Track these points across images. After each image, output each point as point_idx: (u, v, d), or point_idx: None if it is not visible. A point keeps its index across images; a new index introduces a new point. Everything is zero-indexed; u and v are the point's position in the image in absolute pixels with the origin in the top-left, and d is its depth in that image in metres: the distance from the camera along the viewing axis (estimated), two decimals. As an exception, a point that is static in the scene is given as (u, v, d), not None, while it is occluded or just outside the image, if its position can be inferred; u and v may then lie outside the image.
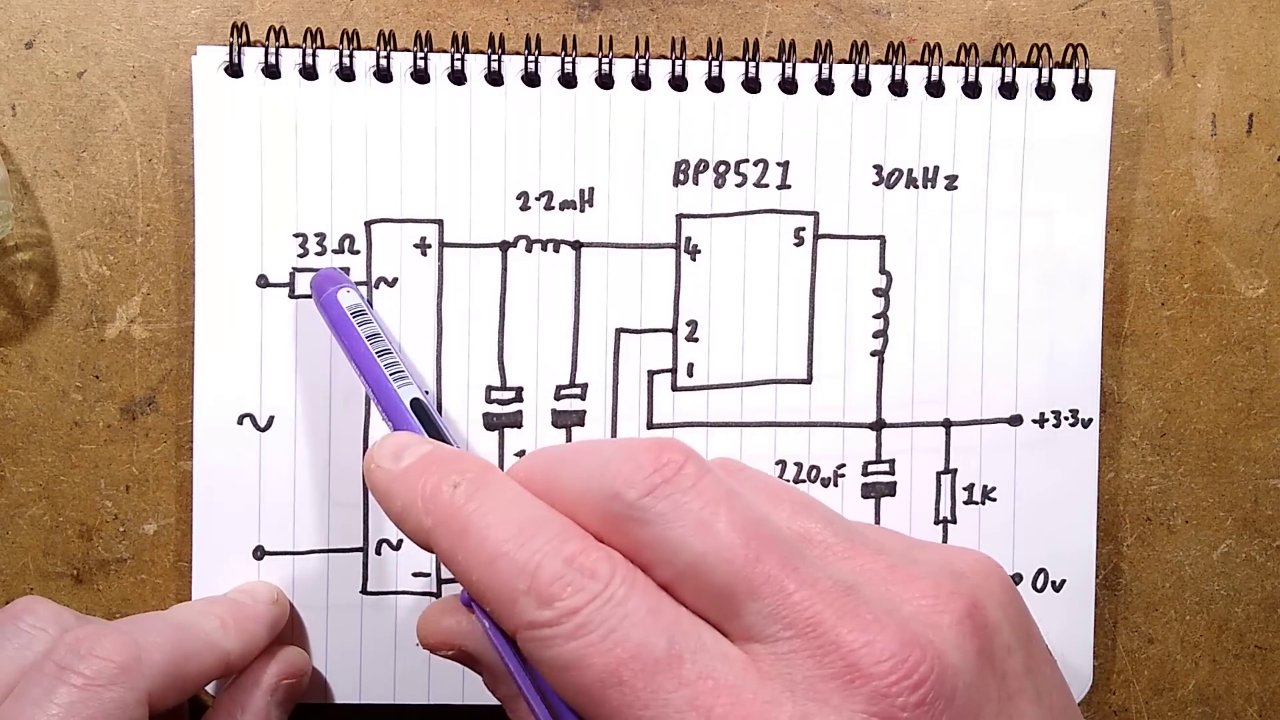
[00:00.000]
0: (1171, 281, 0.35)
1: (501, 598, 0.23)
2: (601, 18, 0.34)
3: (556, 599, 0.22)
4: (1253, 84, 0.34)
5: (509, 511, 0.23)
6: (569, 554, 0.22)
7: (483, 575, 0.23)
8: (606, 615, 0.22)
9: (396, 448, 0.26)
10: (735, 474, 0.25)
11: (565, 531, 0.23)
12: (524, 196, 0.33)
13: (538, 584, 0.22)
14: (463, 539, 0.23)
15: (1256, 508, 0.35)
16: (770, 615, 0.22)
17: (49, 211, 0.33)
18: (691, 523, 0.22)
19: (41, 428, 0.33)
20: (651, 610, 0.22)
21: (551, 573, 0.22)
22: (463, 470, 0.24)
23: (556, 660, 0.22)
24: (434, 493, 0.24)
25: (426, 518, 0.24)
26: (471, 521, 0.23)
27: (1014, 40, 0.34)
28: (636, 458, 0.23)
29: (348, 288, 0.31)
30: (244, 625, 0.30)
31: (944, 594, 0.22)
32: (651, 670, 0.21)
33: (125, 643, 0.26)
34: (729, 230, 0.33)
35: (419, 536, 0.24)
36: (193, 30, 0.33)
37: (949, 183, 0.34)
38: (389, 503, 0.25)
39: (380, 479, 0.25)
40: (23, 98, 0.33)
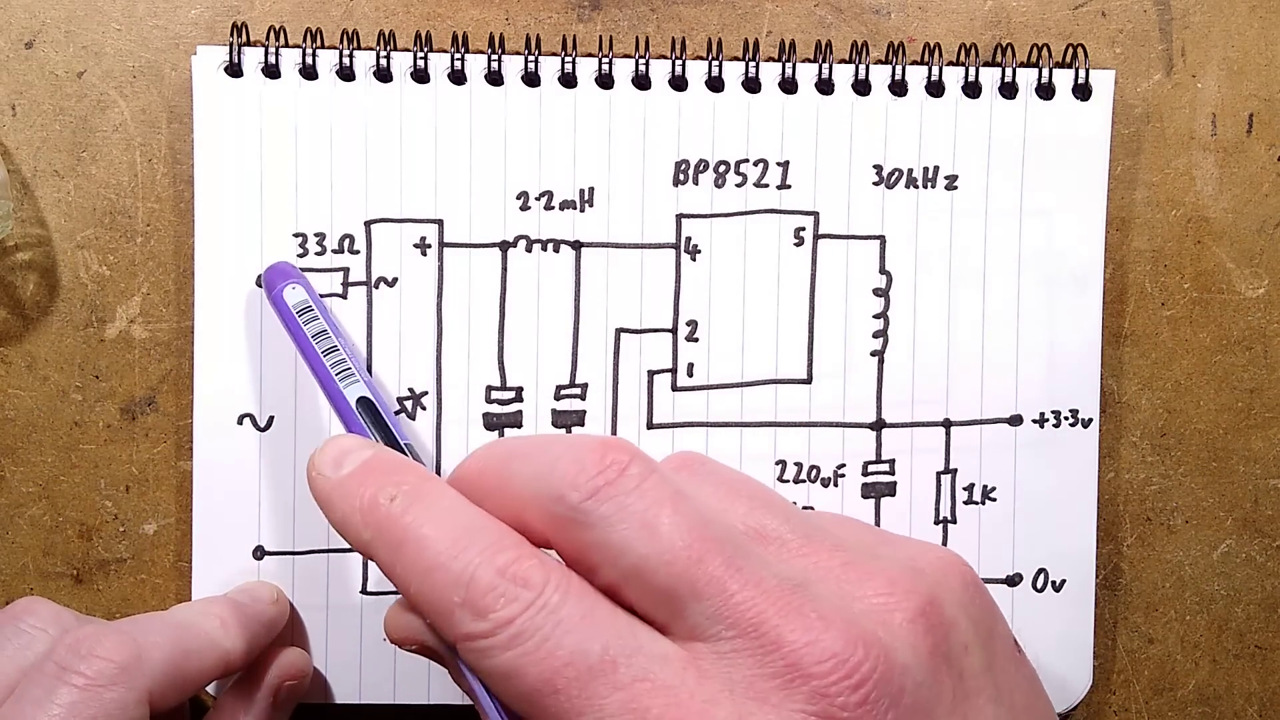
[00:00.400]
0: (1171, 281, 0.35)
1: (438, 610, 0.23)
2: (601, 18, 0.34)
3: (490, 610, 0.22)
4: (1253, 84, 0.34)
5: (444, 522, 0.23)
6: (502, 564, 0.22)
7: (419, 588, 0.23)
8: (540, 623, 0.22)
9: (338, 454, 0.26)
10: (696, 469, 0.25)
11: (500, 540, 0.23)
12: (524, 196, 0.33)
13: (472, 596, 0.22)
14: (400, 551, 0.23)
15: (1256, 508, 0.35)
16: (713, 615, 0.22)
17: (49, 211, 0.33)
18: (635, 525, 0.22)
19: (41, 428, 0.33)
20: (586, 616, 0.22)
21: (485, 584, 0.22)
22: (400, 480, 0.24)
23: (494, 670, 0.22)
24: (371, 505, 0.24)
25: (365, 530, 0.24)
26: (408, 534, 0.23)
27: (1014, 40, 0.34)
28: (581, 459, 0.23)
29: (295, 283, 0.31)
30: (244, 625, 0.30)
31: (899, 591, 0.22)
32: (586, 676, 0.21)
33: (126, 642, 0.26)
34: (729, 230, 0.33)
35: (359, 547, 0.25)
36: (193, 30, 0.33)
37: (949, 183, 0.34)
38: (329, 512, 0.25)
39: (321, 487, 0.25)
40: (23, 98, 0.33)
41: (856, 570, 0.23)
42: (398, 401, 0.33)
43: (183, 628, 0.29)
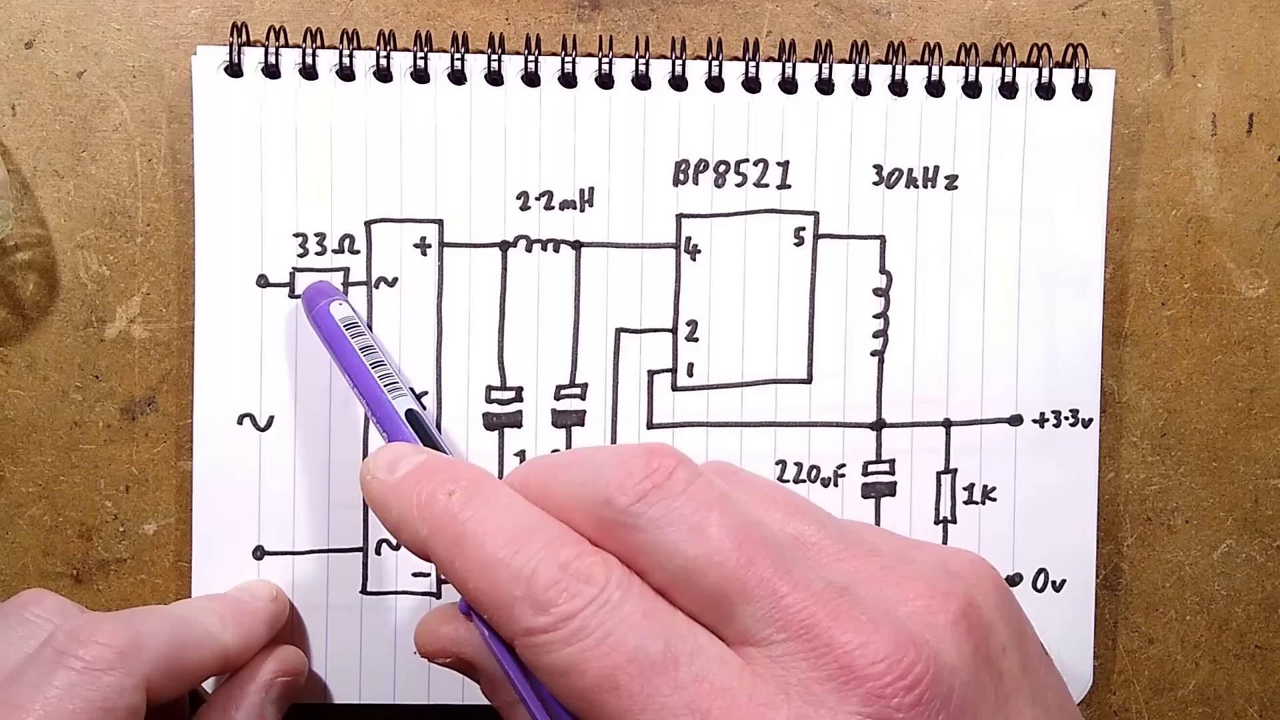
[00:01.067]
0: (1171, 281, 0.35)
1: (498, 605, 0.23)
2: (601, 18, 0.34)
3: (552, 604, 0.22)
4: (1253, 84, 0.34)
5: (504, 518, 0.23)
6: (564, 559, 0.22)
7: (479, 583, 0.23)
8: (603, 620, 0.22)
9: (392, 458, 0.26)
10: (729, 477, 0.25)
11: (560, 537, 0.23)
12: (524, 196, 0.33)
13: (533, 590, 0.22)
14: (458, 547, 0.23)
15: (1256, 508, 0.35)
16: (764, 618, 0.22)
17: (49, 211, 0.33)
18: (684, 527, 0.22)
19: (41, 428, 0.33)
20: (647, 614, 0.22)
21: (547, 578, 0.22)
22: (457, 478, 0.24)
23: (554, 666, 0.22)
24: (429, 501, 0.24)
25: (422, 527, 0.24)
26: (467, 529, 0.23)
27: (1014, 40, 0.34)
28: (628, 464, 0.23)
29: (339, 300, 0.32)
30: (243, 621, 0.30)
31: (939, 594, 0.22)
32: (648, 674, 0.21)
33: (124, 629, 0.27)
34: (729, 230, 0.33)
35: (415, 546, 0.24)
36: (193, 30, 0.33)
37: (949, 183, 0.34)
38: (385, 513, 0.25)
39: (376, 490, 0.25)
40: (23, 98, 0.33)
41: (895, 574, 0.23)
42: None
43: (182, 620, 0.29)
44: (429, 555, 0.24)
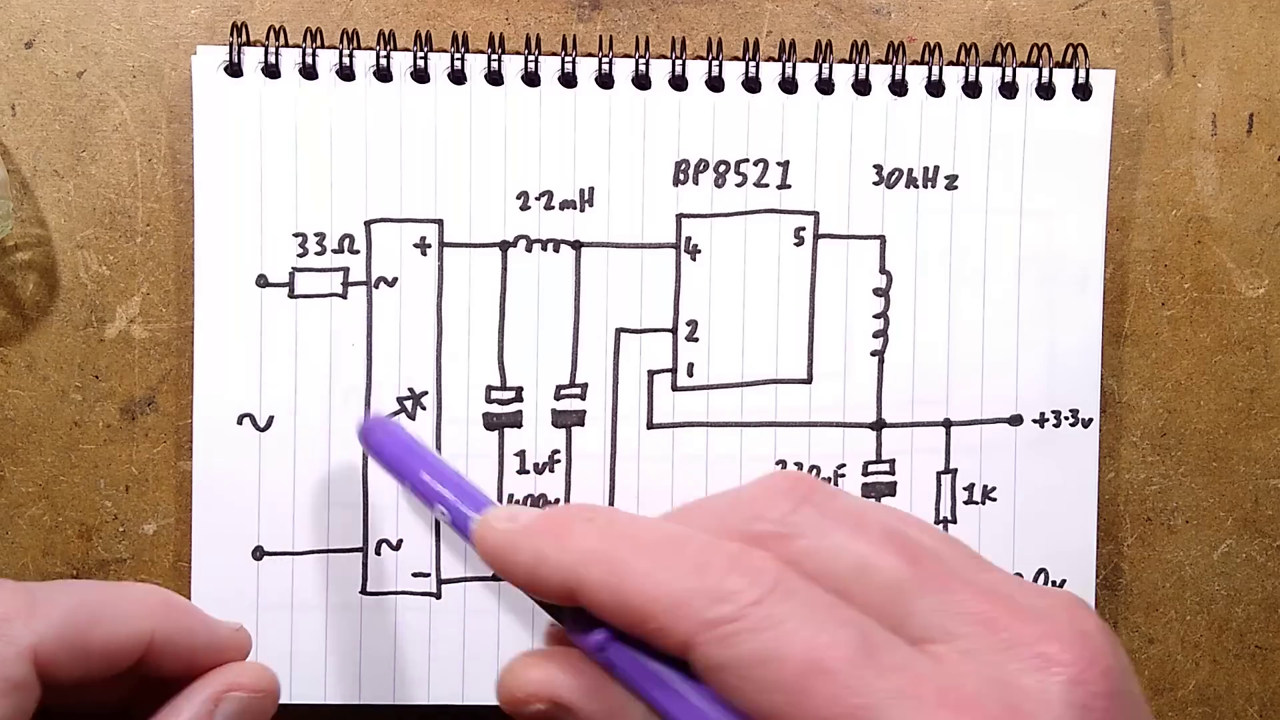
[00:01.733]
0: (1171, 281, 0.35)
1: (671, 603, 0.21)
2: (601, 18, 0.34)
3: (734, 593, 0.21)
4: (1253, 84, 0.34)
5: (654, 530, 0.23)
6: (732, 553, 0.22)
7: (643, 586, 0.22)
8: (791, 607, 0.21)
9: (507, 513, 0.25)
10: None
11: (719, 538, 0.22)
12: (524, 196, 0.33)
13: (709, 583, 0.21)
14: (613, 562, 0.22)
15: (1256, 508, 0.35)
16: (943, 611, 0.21)
17: (49, 211, 0.33)
18: (847, 528, 0.22)
19: (41, 428, 0.33)
20: (832, 605, 0.21)
21: (721, 568, 0.21)
22: (592, 512, 0.24)
23: (749, 656, 0.20)
24: (568, 530, 0.23)
25: (566, 554, 0.23)
26: (619, 544, 0.22)
27: (1014, 40, 0.34)
28: (768, 484, 0.23)
29: (393, 425, 0.29)
30: (183, 619, 0.28)
31: (1076, 602, 0.22)
32: (855, 657, 0.20)
33: (16, 596, 0.25)
34: (729, 230, 0.33)
35: (557, 579, 0.23)
36: (193, 30, 0.33)
37: (949, 182, 0.34)
38: (514, 556, 0.24)
39: (501, 538, 0.24)
40: (23, 98, 0.33)
41: (1025, 587, 0.23)
42: (397, 402, 0.33)
43: (101, 596, 0.26)
44: (576, 585, 0.23)
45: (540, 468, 0.34)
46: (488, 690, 0.33)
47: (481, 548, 0.25)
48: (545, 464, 0.34)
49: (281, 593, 0.33)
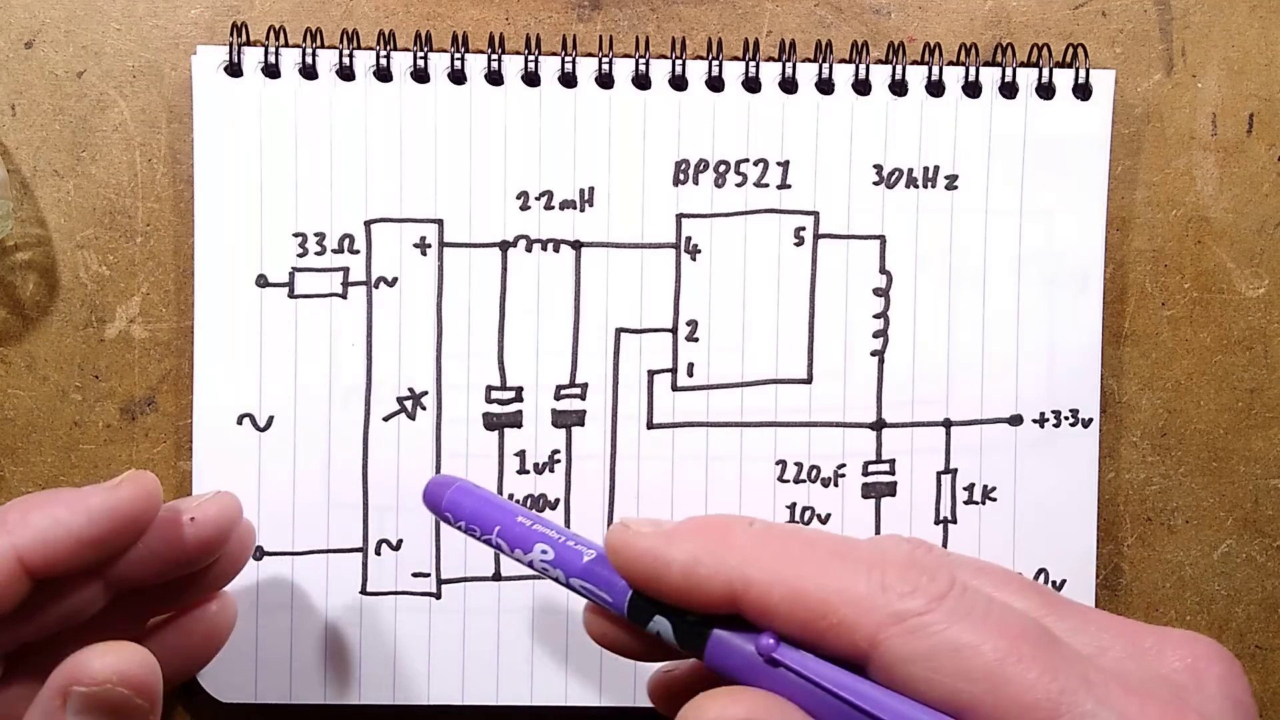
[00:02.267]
0: (1171, 281, 0.35)
1: (855, 596, 0.21)
2: (601, 18, 0.34)
3: (918, 587, 0.21)
4: (1253, 84, 0.34)
5: (818, 532, 0.23)
6: (905, 551, 0.22)
7: (822, 581, 0.22)
8: (974, 599, 0.21)
9: (649, 521, 0.24)
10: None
11: (885, 540, 0.23)
12: (524, 196, 0.33)
13: (891, 577, 0.21)
14: (782, 559, 0.22)
15: (1256, 508, 0.35)
16: (1085, 633, 0.22)
17: (49, 211, 0.33)
18: (971, 569, 0.23)
19: (41, 428, 0.33)
20: (1006, 602, 0.21)
21: (900, 564, 0.21)
22: (747, 518, 0.23)
23: (942, 646, 0.21)
24: (731, 531, 0.23)
25: (731, 555, 0.22)
26: (789, 543, 0.22)
27: (1014, 40, 0.34)
28: (884, 544, 0.23)
29: (458, 480, 0.29)
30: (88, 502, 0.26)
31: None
32: (1045, 645, 0.21)
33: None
34: (729, 230, 0.33)
35: (720, 577, 0.22)
36: (193, 30, 0.33)
37: (949, 182, 0.34)
38: (667, 559, 0.23)
39: (649, 542, 0.23)
40: (23, 98, 0.33)
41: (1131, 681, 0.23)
42: (397, 402, 0.33)
43: (56, 491, 0.26)
44: (742, 586, 0.22)
45: (540, 468, 0.34)
46: (488, 690, 0.33)
47: (627, 553, 0.24)
48: (545, 464, 0.34)
49: (281, 593, 0.33)
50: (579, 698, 0.34)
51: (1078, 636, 0.22)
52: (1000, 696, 0.20)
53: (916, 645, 0.21)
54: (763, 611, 0.22)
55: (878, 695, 0.21)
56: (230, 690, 0.33)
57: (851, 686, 0.22)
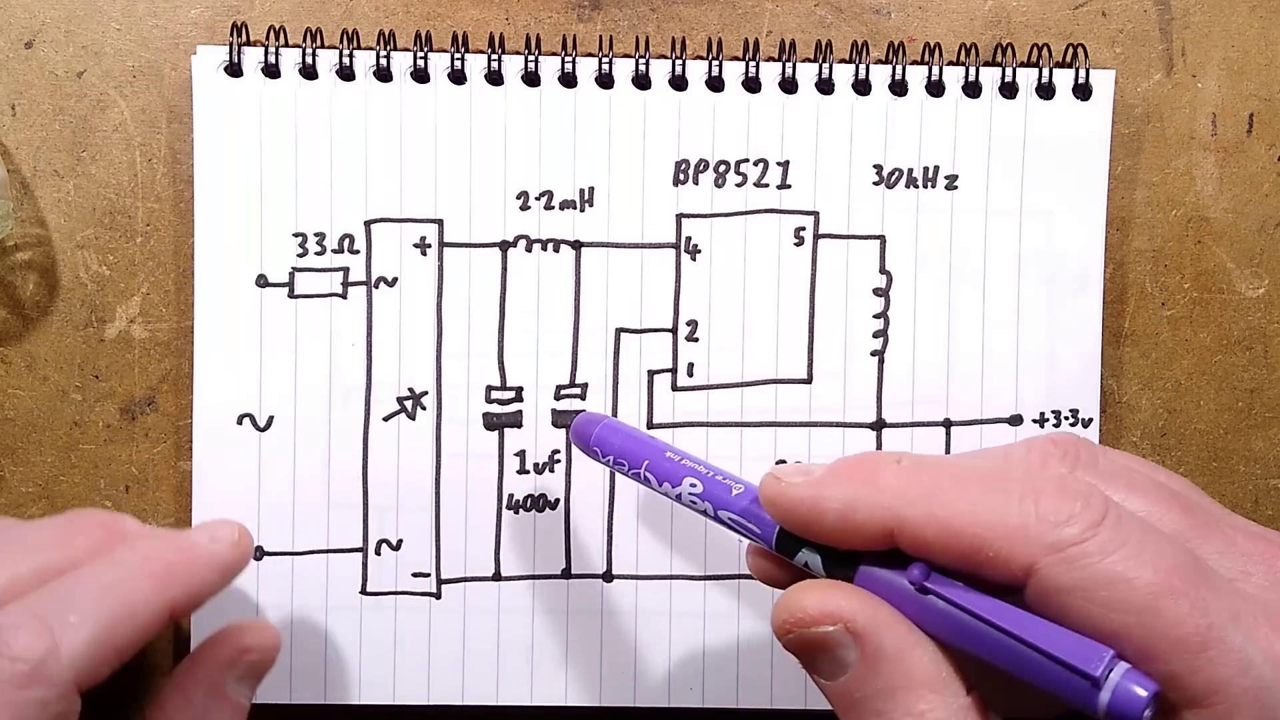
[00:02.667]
0: (1171, 281, 0.35)
1: (1010, 528, 0.21)
2: (601, 18, 0.34)
3: (1073, 517, 0.21)
4: (1253, 84, 0.34)
5: (968, 464, 0.23)
6: (1059, 479, 0.22)
7: (976, 515, 0.22)
8: (1130, 529, 0.21)
9: (795, 468, 0.25)
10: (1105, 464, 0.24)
11: (1038, 467, 0.23)
12: (524, 196, 0.33)
13: (1045, 508, 0.21)
14: (936, 495, 0.22)
15: (1256, 508, 0.35)
16: (1228, 554, 0.22)
17: (49, 211, 0.33)
18: (1123, 485, 0.23)
19: (41, 428, 0.33)
20: (1160, 532, 0.21)
21: (1054, 494, 0.21)
22: (896, 455, 0.23)
23: (1097, 578, 0.21)
24: (880, 471, 0.23)
25: (882, 494, 0.23)
26: (940, 479, 0.22)
27: (1014, 40, 0.34)
28: (1036, 446, 0.23)
29: (607, 420, 0.29)
30: (192, 573, 0.27)
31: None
32: (1195, 579, 0.21)
33: (39, 635, 0.24)
34: (729, 230, 0.33)
35: (876, 517, 0.23)
36: (193, 30, 0.33)
37: (949, 182, 0.34)
38: (822, 503, 0.23)
39: (800, 490, 0.24)
40: (23, 98, 0.33)
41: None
42: (397, 402, 0.33)
43: (111, 593, 0.26)
44: (896, 525, 0.23)
45: (540, 468, 0.34)
46: (488, 690, 0.33)
47: (783, 503, 0.24)
48: (545, 464, 0.34)
49: (281, 593, 0.33)
50: (579, 698, 0.34)
51: (1223, 560, 0.22)
52: (1150, 629, 0.20)
53: (1072, 575, 0.21)
54: (918, 547, 0.22)
55: (1028, 622, 0.22)
56: (230, 690, 0.33)
57: (1001, 613, 0.22)
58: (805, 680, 0.33)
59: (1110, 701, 0.21)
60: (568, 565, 0.34)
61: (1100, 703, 0.21)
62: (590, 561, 0.34)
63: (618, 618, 0.34)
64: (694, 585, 0.34)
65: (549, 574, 0.34)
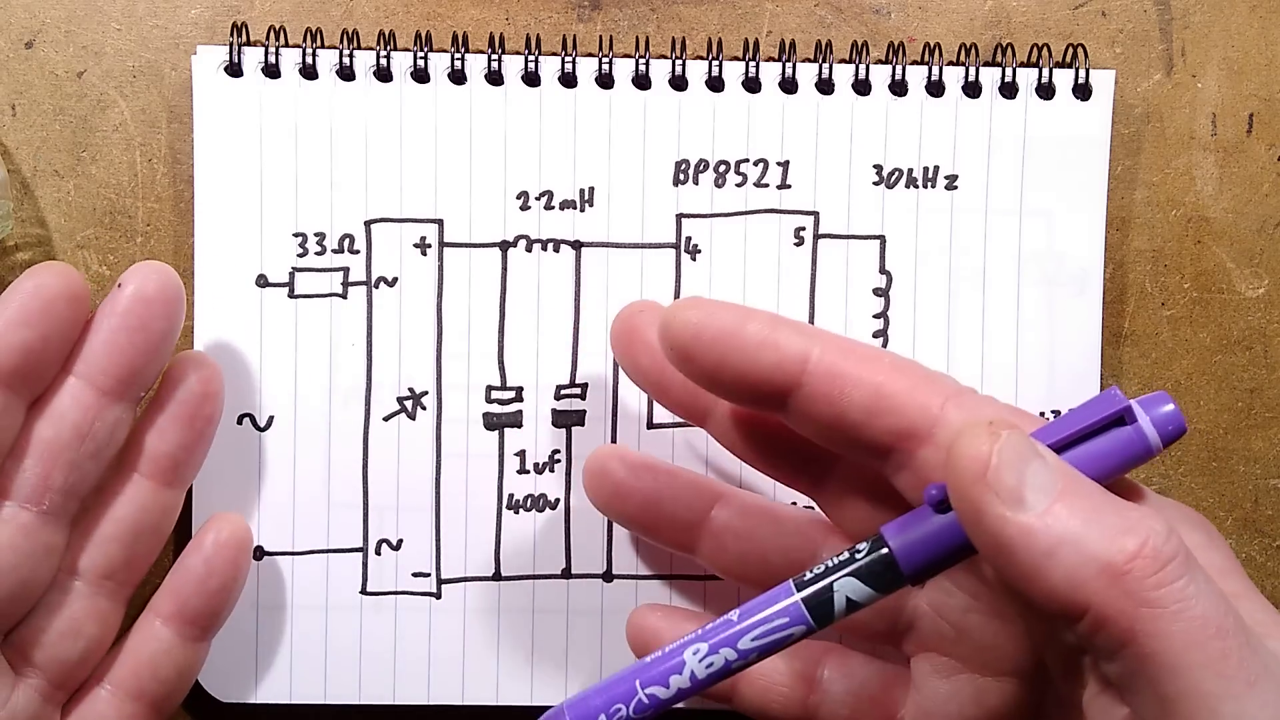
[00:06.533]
0: (1171, 281, 0.35)
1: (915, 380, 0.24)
2: (601, 18, 0.34)
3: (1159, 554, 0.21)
4: (1253, 84, 0.34)
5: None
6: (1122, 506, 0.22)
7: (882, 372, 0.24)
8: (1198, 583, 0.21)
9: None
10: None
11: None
12: (524, 196, 0.33)
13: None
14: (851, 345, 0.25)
15: (1256, 508, 0.35)
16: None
17: (49, 211, 0.33)
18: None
19: (41, 428, 0.33)
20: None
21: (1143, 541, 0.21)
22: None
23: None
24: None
25: (801, 329, 0.25)
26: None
27: (1014, 40, 0.34)
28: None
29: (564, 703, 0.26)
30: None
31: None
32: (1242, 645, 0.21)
33: None
34: (729, 230, 0.33)
35: (794, 343, 0.24)
36: (193, 30, 0.33)
37: (949, 183, 0.34)
38: (745, 327, 0.24)
39: (727, 312, 0.25)
40: (23, 98, 0.33)
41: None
42: (398, 402, 0.33)
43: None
44: (809, 353, 0.24)
45: (540, 468, 0.34)
46: (488, 690, 0.33)
47: (711, 325, 0.25)
48: (545, 464, 0.34)
49: (281, 593, 0.33)
50: (579, 698, 0.34)
51: (1243, 604, 0.22)
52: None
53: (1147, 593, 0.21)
54: (823, 389, 0.24)
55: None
56: (230, 690, 0.33)
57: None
58: (805, 680, 0.33)
59: (1156, 428, 0.22)
60: (568, 565, 0.34)
61: (1150, 439, 0.22)
62: (590, 561, 0.34)
63: (618, 618, 0.34)
64: (694, 585, 0.34)
65: (549, 574, 0.34)
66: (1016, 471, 0.21)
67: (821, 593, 0.23)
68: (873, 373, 0.24)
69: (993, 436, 0.21)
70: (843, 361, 0.24)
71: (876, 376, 0.24)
